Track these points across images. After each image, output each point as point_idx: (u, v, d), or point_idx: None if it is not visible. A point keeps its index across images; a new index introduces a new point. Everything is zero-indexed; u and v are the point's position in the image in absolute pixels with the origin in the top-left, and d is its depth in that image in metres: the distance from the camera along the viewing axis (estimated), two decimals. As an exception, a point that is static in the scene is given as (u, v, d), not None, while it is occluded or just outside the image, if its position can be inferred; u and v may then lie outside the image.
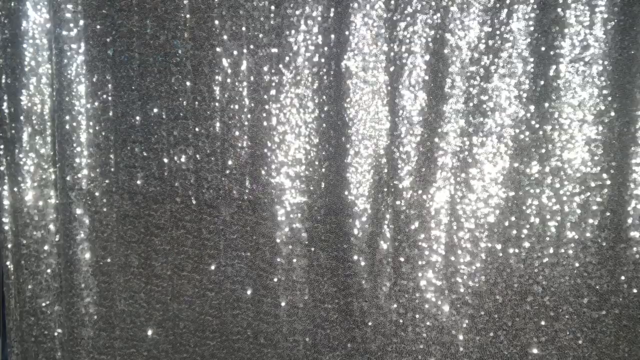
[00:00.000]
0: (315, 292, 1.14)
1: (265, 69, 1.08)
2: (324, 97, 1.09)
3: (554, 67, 1.03)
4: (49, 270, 1.16)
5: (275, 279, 1.14)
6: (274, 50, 1.07)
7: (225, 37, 1.08)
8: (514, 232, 1.08)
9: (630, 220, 1.05)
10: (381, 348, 1.14)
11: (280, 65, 1.08)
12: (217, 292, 1.15)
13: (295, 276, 1.13)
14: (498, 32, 1.04)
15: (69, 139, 1.11)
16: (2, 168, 1.13)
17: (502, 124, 1.06)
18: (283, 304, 1.14)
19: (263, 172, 1.11)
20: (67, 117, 1.11)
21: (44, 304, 1.17)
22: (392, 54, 1.06)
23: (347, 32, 1.06)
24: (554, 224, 1.07)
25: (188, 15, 1.08)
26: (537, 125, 1.05)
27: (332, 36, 1.06)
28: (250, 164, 1.11)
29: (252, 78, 1.08)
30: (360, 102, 1.08)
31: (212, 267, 1.14)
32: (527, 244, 1.08)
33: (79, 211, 1.13)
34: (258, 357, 1.16)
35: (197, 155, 1.11)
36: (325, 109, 1.09)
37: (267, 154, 1.10)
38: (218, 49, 1.08)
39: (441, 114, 1.07)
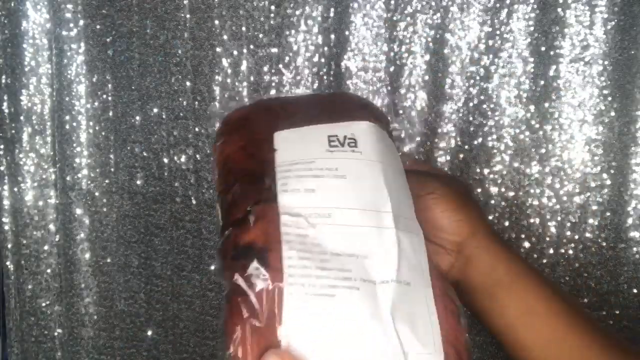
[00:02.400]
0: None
1: (265, 69, 1.08)
2: (324, 97, 1.09)
3: (554, 67, 1.03)
4: (49, 270, 1.16)
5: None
6: (274, 50, 1.07)
7: (225, 37, 1.08)
8: (514, 232, 1.08)
9: (630, 220, 1.05)
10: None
11: (280, 65, 1.08)
12: (217, 292, 1.15)
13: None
14: (498, 32, 1.04)
15: (69, 139, 1.11)
16: (2, 168, 1.13)
17: (502, 124, 1.06)
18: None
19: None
20: (67, 117, 1.11)
21: (44, 304, 1.17)
22: (392, 54, 1.06)
23: (347, 32, 1.06)
24: (554, 224, 1.07)
25: (188, 15, 1.08)
26: (537, 125, 1.05)
27: (332, 36, 1.06)
28: (250, 164, 1.11)
29: (252, 78, 1.08)
30: (360, 102, 1.08)
31: (212, 267, 1.14)
32: (527, 244, 1.08)
33: (79, 211, 1.13)
34: (258, 357, 1.16)
35: (197, 155, 1.11)
36: (325, 109, 1.09)
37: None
38: (218, 49, 1.08)
39: (441, 114, 1.07)
